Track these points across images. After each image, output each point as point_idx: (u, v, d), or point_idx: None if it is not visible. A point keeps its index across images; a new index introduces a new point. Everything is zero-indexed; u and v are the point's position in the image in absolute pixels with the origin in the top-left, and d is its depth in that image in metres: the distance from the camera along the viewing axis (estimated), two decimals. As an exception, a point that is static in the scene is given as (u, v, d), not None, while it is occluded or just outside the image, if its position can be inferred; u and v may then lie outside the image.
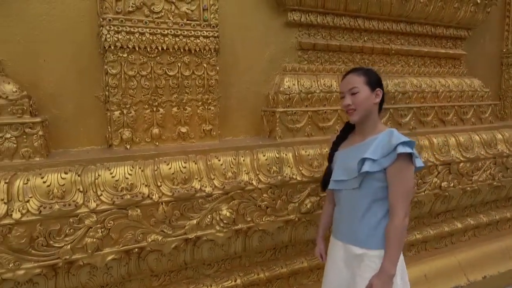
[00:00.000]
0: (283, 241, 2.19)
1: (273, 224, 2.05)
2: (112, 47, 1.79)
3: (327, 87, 2.36)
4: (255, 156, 2.03)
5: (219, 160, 1.93)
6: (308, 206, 2.12)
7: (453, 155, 2.67)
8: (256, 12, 2.25)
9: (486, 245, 3.08)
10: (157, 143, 1.95)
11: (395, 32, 2.73)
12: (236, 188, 1.91)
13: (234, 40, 2.20)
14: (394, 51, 2.74)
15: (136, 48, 1.83)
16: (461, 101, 2.98)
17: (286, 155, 2.10)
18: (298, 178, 2.08)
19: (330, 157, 1.83)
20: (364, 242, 1.61)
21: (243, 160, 1.99)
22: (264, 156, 2.04)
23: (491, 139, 2.92)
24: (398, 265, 1.56)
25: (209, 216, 1.87)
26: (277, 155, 2.08)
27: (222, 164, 1.93)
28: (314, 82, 2.36)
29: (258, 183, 1.98)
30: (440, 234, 2.88)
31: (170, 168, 1.81)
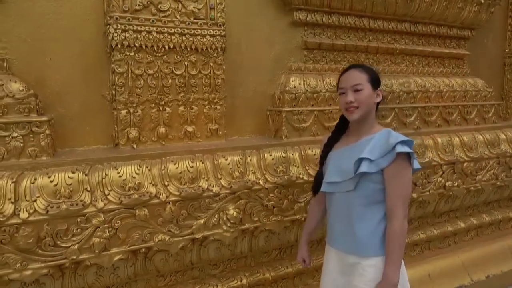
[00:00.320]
0: (289, 240, 2.18)
1: (279, 224, 2.04)
2: (119, 46, 1.77)
3: (332, 86, 2.35)
4: (261, 156, 2.02)
5: (226, 160, 1.92)
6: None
7: (457, 155, 2.67)
8: (262, 11, 2.24)
9: (488, 244, 3.08)
10: (163, 142, 1.94)
11: (400, 32, 2.72)
12: (243, 188, 1.90)
13: (240, 39, 2.19)
14: (398, 51, 2.73)
15: (143, 47, 1.82)
16: (464, 101, 2.98)
17: (292, 154, 2.09)
18: (305, 178, 2.07)
19: (321, 159, 1.71)
20: (360, 249, 1.52)
21: (250, 160, 1.98)
22: (270, 155, 2.03)
23: (495, 139, 2.92)
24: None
25: (216, 216, 1.86)
26: (283, 155, 2.07)
27: (229, 164, 1.92)
28: (319, 81, 2.35)
29: (265, 182, 1.97)
30: (444, 234, 2.88)
31: (177, 168, 1.80)
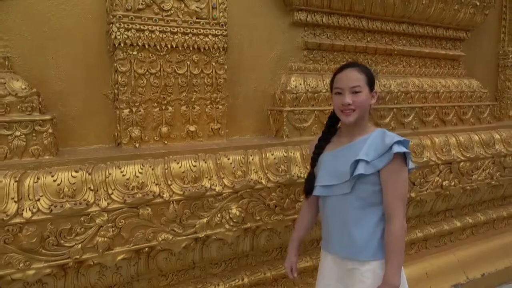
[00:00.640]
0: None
1: (281, 223, 2.05)
2: (122, 45, 1.77)
3: (332, 86, 2.37)
4: (263, 155, 2.03)
5: (228, 159, 1.93)
6: (315, 205, 2.13)
7: (454, 155, 2.71)
8: (263, 11, 2.26)
9: (483, 243, 3.13)
10: (165, 142, 1.94)
11: (398, 33, 2.76)
12: (245, 187, 1.91)
13: (242, 39, 2.20)
14: (396, 52, 2.76)
15: (146, 46, 1.82)
16: (460, 101, 3.02)
17: (293, 154, 2.11)
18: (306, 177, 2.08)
19: (313, 160, 1.65)
20: (358, 253, 1.48)
21: (252, 159, 1.99)
22: (272, 155, 2.04)
23: (490, 139, 2.97)
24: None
25: (219, 215, 1.86)
26: (285, 154, 2.08)
27: (231, 163, 1.93)
28: (319, 81, 2.37)
29: (267, 182, 1.98)
30: (440, 233, 2.92)
31: (180, 167, 1.80)
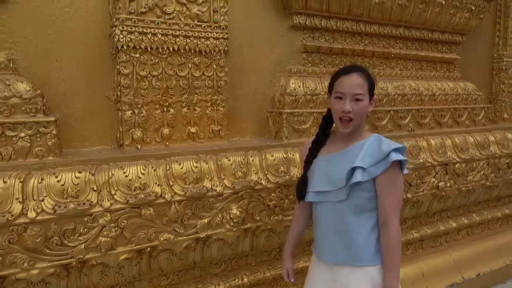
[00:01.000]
0: (289, 240, 2.23)
1: (280, 223, 2.08)
2: (125, 47, 1.80)
3: (331, 89, 2.41)
4: (263, 156, 2.06)
5: (229, 160, 1.96)
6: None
7: (449, 156, 2.76)
8: (263, 15, 2.29)
9: (479, 243, 3.19)
10: (167, 143, 1.97)
11: (395, 37, 2.81)
12: (246, 188, 1.94)
13: (242, 42, 2.23)
14: (393, 55, 2.81)
15: (148, 49, 1.85)
16: (456, 104, 3.08)
17: (293, 155, 2.14)
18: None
19: (306, 164, 1.62)
20: (354, 259, 1.48)
21: (252, 160, 2.03)
22: (272, 156, 2.08)
23: (484, 141, 3.03)
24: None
25: (219, 215, 1.89)
26: (284, 156, 2.12)
27: (232, 164, 1.96)
28: (318, 84, 2.41)
29: (267, 182, 2.01)
30: (436, 233, 2.97)
31: (182, 168, 1.83)
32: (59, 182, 1.58)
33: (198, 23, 1.95)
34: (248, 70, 2.28)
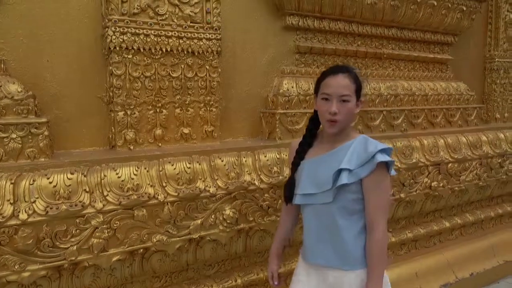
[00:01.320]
0: (283, 240, 2.25)
1: (274, 223, 2.10)
2: (118, 48, 1.81)
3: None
4: (256, 157, 2.09)
5: (222, 161, 1.98)
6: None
7: (442, 156, 2.81)
8: (256, 16, 2.33)
9: (472, 243, 3.24)
10: (160, 144, 1.99)
11: (387, 37, 2.85)
12: (239, 188, 1.96)
13: (235, 43, 2.26)
14: (386, 55, 2.86)
15: (141, 50, 1.87)
16: (448, 104, 3.13)
17: (286, 156, 2.17)
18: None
19: (294, 166, 1.63)
20: (342, 262, 1.48)
21: (245, 161, 2.05)
22: (265, 157, 2.11)
23: (477, 141, 3.09)
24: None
25: (212, 216, 1.91)
26: (277, 156, 2.14)
27: (225, 165, 1.98)
28: (311, 84, 2.44)
29: (260, 183, 2.04)
30: (430, 233, 3.01)
31: (175, 169, 1.85)
32: (51, 183, 1.59)
33: (191, 24, 1.98)
34: (241, 71, 2.31)
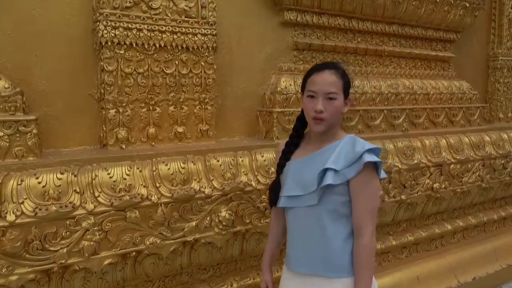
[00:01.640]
0: (280, 243, 2.27)
1: (271, 226, 2.13)
2: (109, 43, 1.82)
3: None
4: (253, 157, 2.11)
5: (217, 161, 2.00)
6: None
7: (444, 157, 2.84)
8: (253, 11, 2.34)
9: (474, 247, 3.28)
10: (153, 143, 2.00)
11: (388, 34, 2.88)
12: (235, 189, 1.98)
13: (231, 39, 2.28)
14: (386, 53, 2.89)
15: (134, 45, 1.88)
16: (450, 103, 3.17)
17: (284, 156, 2.19)
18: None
19: (279, 167, 1.61)
20: (328, 270, 1.45)
21: (242, 161, 2.07)
22: (262, 156, 2.12)
23: (480, 141, 3.12)
24: None
25: (208, 218, 1.93)
26: (275, 156, 2.16)
27: (221, 165, 1.99)
28: (310, 82, 2.46)
29: (257, 184, 2.05)
30: (431, 236, 3.04)
31: (168, 169, 1.86)
32: (40, 183, 1.60)
33: (186, 19, 1.99)
34: (237, 68, 2.32)
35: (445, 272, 3.00)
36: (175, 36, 1.97)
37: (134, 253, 1.77)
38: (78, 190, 1.66)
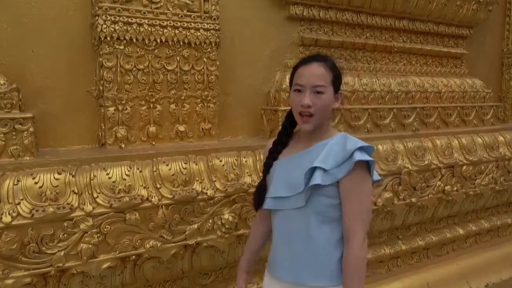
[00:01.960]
0: (285, 247, 2.27)
1: (276, 229, 2.13)
2: (108, 38, 1.83)
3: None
4: (257, 157, 2.11)
5: (220, 161, 2.00)
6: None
7: (456, 158, 2.84)
8: (257, 5, 2.35)
9: (487, 252, 3.27)
10: (153, 142, 2.00)
11: (398, 29, 2.89)
12: (239, 191, 1.98)
13: (234, 34, 2.28)
14: (396, 49, 2.89)
15: (134, 40, 1.88)
16: (463, 102, 3.17)
17: (289, 156, 2.19)
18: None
19: (266, 167, 1.56)
20: (314, 279, 1.39)
21: (246, 161, 2.07)
22: (267, 157, 2.12)
23: (493, 142, 3.12)
24: None
25: (210, 221, 1.93)
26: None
27: (224, 165, 2.00)
28: (316, 79, 2.46)
29: (261, 185, 2.05)
30: (442, 241, 3.04)
31: (170, 169, 1.87)
32: (36, 184, 1.61)
33: (188, 13, 2.00)
34: (241, 64, 2.33)
35: (456, 279, 2.99)
36: (177, 31, 1.97)
37: (134, 256, 1.78)
38: (76, 191, 1.66)
